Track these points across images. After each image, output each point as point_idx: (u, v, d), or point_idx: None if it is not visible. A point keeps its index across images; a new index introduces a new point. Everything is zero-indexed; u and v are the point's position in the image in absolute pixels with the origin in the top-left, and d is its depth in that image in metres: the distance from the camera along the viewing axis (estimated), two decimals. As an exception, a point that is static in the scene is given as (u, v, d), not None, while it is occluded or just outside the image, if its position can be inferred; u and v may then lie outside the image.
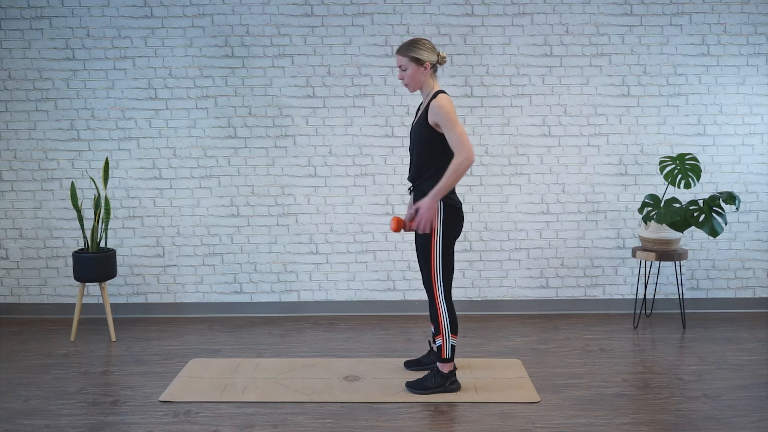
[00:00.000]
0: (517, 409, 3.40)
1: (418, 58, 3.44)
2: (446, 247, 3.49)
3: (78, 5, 4.88)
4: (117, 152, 4.99)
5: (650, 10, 4.91)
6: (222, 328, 4.79)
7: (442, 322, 3.53)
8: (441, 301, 3.53)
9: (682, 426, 3.21)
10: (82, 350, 4.35)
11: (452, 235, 3.51)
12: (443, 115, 3.35)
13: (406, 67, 3.47)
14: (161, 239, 5.05)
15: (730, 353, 4.20)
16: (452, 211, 3.48)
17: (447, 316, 3.53)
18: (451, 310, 3.54)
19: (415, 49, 3.45)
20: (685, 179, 4.54)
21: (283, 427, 3.22)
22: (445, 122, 3.36)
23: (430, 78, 3.50)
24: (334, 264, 5.08)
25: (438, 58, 3.49)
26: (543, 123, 4.99)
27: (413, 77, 3.48)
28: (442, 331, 3.53)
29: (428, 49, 3.46)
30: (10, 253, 5.08)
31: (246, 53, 4.92)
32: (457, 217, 3.51)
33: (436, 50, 3.50)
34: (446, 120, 3.35)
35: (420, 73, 3.47)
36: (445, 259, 3.50)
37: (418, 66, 3.46)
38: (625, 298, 5.10)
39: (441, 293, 3.52)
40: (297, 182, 5.01)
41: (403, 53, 3.46)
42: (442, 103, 3.37)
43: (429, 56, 3.46)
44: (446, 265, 3.51)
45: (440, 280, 3.51)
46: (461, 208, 3.53)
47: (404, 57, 3.46)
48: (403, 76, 3.50)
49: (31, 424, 3.28)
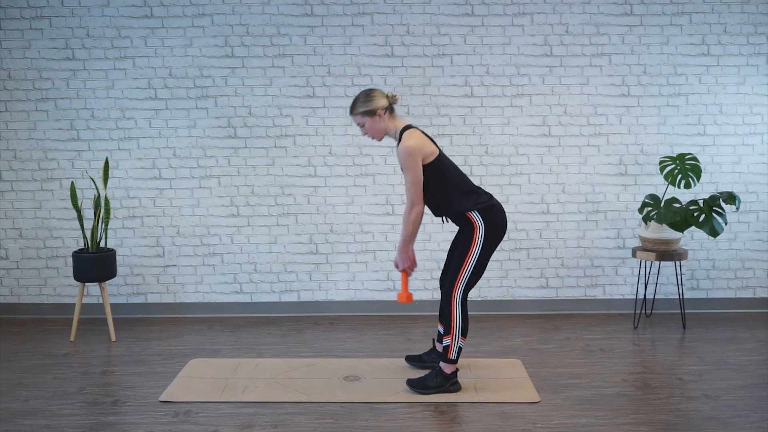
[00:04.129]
0: (517, 409, 3.40)
1: (369, 110, 3.49)
2: (483, 254, 3.51)
3: (78, 5, 4.88)
4: (117, 152, 4.99)
5: (650, 10, 4.91)
6: (222, 328, 4.79)
7: (455, 322, 3.53)
8: (457, 302, 3.53)
9: (682, 426, 3.21)
10: (82, 350, 4.35)
11: (494, 240, 3.53)
12: (402, 161, 3.44)
13: (363, 122, 3.53)
14: (161, 239, 5.05)
15: (730, 353, 4.20)
16: (491, 211, 3.52)
17: (461, 317, 3.53)
18: (465, 312, 3.55)
19: (362, 104, 3.50)
20: (685, 179, 4.54)
21: (283, 427, 3.22)
22: (403, 166, 3.45)
23: (389, 121, 3.54)
24: (334, 264, 5.08)
25: (389, 100, 3.53)
26: (543, 123, 4.99)
27: (373, 129, 3.54)
28: (452, 331, 3.53)
29: (375, 97, 3.50)
30: (9, 253, 5.08)
31: (246, 53, 4.92)
32: (500, 215, 3.54)
33: (384, 93, 3.54)
34: (404, 165, 3.45)
35: (377, 122, 3.52)
36: (477, 267, 3.52)
37: (373, 117, 3.50)
38: (625, 298, 5.10)
39: (459, 294, 3.53)
40: (297, 182, 5.01)
41: (354, 112, 3.53)
42: (404, 145, 3.42)
43: (378, 103, 3.49)
44: (476, 271, 3.54)
45: (463, 284, 3.53)
46: (498, 204, 3.56)
47: (356, 117, 3.54)
48: (366, 131, 3.56)
49: (31, 424, 3.28)
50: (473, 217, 3.50)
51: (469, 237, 3.51)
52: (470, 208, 3.49)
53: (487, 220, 3.50)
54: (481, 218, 3.49)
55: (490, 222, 3.51)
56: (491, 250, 3.54)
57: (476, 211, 3.50)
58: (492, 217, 3.52)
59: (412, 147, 3.40)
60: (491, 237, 3.51)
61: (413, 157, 3.41)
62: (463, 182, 3.55)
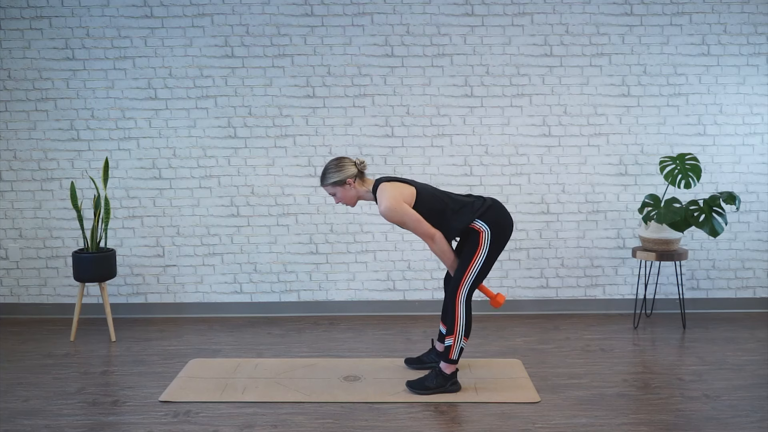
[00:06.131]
0: (517, 409, 3.40)
1: (338, 180, 3.51)
2: (489, 257, 3.53)
3: (78, 5, 4.88)
4: (117, 152, 4.99)
5: (650, 10, 4.90)
6: (222, 328, 4.78)
7: (458, 323, 3.53)
8: (461, 302, 3.54)
9: (682, 426, 3.21)
10: (82, 350, 4.35)
11: (500, 245, 3.56)
12: (393, 220, 3.45)
13: (334, 192, 3.56)
14: (161, 239, 5.05)
15: (730, 353, 4.20)
16: (498, 230, 3.53)
17: (464, 318, 3.54)
18: (469, 313, 3.56)
19: (330, 175, 3.52)
20: (685, 179, 4.54)
21: (283, 427, 3.22)
22: (403, 223, 3.46)
23: (360, 186, 3.56)
24: (333, 264, 5.08)
25: (357, 167, 3.54)
26: (543, 123, 4.98)
27: (345, 197, 3.57)
28: (455, 332, 3.54)
29: (342, 166, 3.52)
30: (10, 253, 5.08)
31: (246, 53, 4.91)
32: (502, 235, 3.55)
33: (352, 160, 3.55)
34: (397, 221, 3.45)
35: (348, 190, 3.55)
36: (484, 267, 3.54)
37: (344, 186, 3.53)
38: (625, 298, 5.10)
39: (464, 295, 3.54)
40: (297, 182, 5.01)
41: (324, 183, 3.56)
42: (385, 207, 3.42)
43: (346, 173, 3.51)
44: (482, 272, 3.55)
45: (468, 285, 3.54)
46: (508, 225, 3.57)
47: (327, 188, 3.57)
48: (339, 200, 3.59)
49: (31, 424, 3.28)
50: (477, 225, 3.52)
51: (475, 240, 3.52)
52: (470, 221, 3.52)
53: (489, 221, 3.51)
54: (484, 223, 3.51)
55: (493, 223, 3.51)
56: (500, 249, 3.56)
57: (477, 219, 3.52)
58: (494, 217, 3.53)
59: (392, 205, 3.42)
60: (498, 237, 3.53)
61: (398, 211, 3.43)
62: (451, 201, 3.56)
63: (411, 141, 4.96)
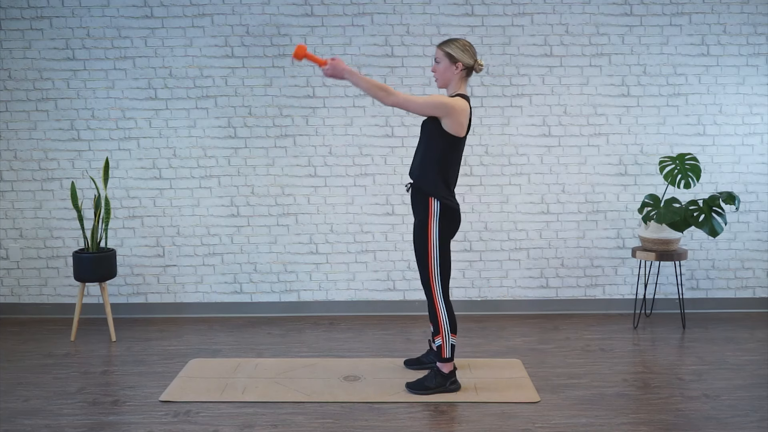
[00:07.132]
0: (517, 409, 3.40)
1: (452, 55, 3.46)
2: (442, 246, 3.51)
3: (78, 5, 4.88)
4: (117, 152, 4.99)
5: (650, 10, 4.91)
6: (222, 328, 4.79)
7: (442, 321, 3.54)
8: (439, 301, 3.54)
9: (682, 426, 3.21)
10: (82, 350, 4.35)
11: (447, 234, 3.53)
12: (443, 111, 3.37)
13: (440, 60, 3.50)
14: (161, 239, 5.05)
15: (730, 353, 4.20)
16: (448, 212, 3.50)
17: (446, 315, 3.54)
18: (450, 310, 3.56)
19: (452, 46, 3.47)
20: (684, 179, 4.55)
21: (283, 427, 3.22)
22: (445, 112, 3.37)
23: (459, 80, 3.51)
24: (334, 264, 5.08)
25: (474, 65, 3.50)
26: (543, 123, 4.99)
27: (443, 73, 3.51)
28: (441, 331, 3.54)
29: (466, 51, 3.48)
30: (10, 253, 5.08)
31: (246, 53, 4.92)
32: (454, 219, 3.53)
33: (475, 56, 3.51)
34: (439, 111, 3.37)
35: (450, 71, 3.49)
36: (442, 259, 3.53)
37: (451, 63, 3.48)
38: (625, 298, 5.10)
39: (439, 293, 3.54)
40: (297, 182, 5.01)
41: (441, 47, 3.50)
42: (448, 102, 3.37)
43: (464, 58, 3.46)
44: (443, 265, 3.54)
45: (438, 279, 3.54)
46: (458, 209, 3.54)
47: (440, 50, 3.50)
48: (436, 68, 3.53)
49: (31, 424, 3.28)
50: (432, 204, 3.48)
51: (424, 227, 3.49)
52: (434, 194, 3.47)
53: (442, 212, 3.48)
54: (438, 209, 3.47)
55: (444, 216, 3.49)
56: (450, 234, 3.54)
57: (440, 203, 3.48)
58: (450, 218, 3.51)
59: (457, 102, 3.37)
60: (444, 227, 3.50)
61: (449, 103, 3.36)
62: (451, 170, 3.53)
63: (411, 141, 4.96)
